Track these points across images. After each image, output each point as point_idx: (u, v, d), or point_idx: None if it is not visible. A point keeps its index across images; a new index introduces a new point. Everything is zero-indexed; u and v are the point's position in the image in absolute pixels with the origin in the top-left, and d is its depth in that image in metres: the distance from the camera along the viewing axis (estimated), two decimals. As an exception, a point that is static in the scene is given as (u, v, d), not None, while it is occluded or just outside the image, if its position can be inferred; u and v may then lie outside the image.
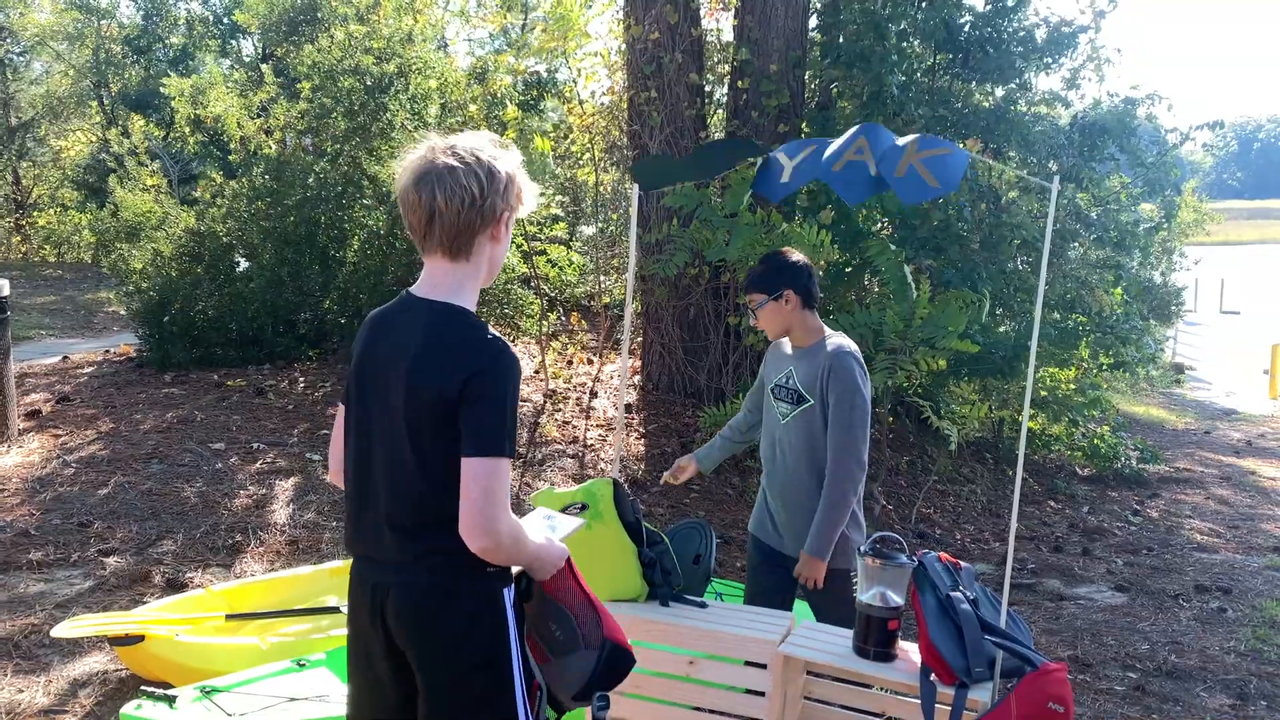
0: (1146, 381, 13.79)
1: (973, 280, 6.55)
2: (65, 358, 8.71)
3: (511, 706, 1.94)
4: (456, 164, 1.89)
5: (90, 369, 8.19)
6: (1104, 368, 8.43)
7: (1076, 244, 7.73)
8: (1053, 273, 7.47)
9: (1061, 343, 7.48)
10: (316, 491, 5.64)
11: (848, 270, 7.47)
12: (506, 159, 1.97)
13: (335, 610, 3.85)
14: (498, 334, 1.92)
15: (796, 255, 3.19)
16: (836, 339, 3.12)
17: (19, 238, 18.91)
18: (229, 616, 3.75)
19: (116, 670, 3.66)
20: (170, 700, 2.96)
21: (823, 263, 7.09)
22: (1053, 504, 7.66)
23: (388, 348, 1.96)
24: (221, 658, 3.43)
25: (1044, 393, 7.90)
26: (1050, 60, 7.50)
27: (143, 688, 3.01)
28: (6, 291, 5.98)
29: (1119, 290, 8.08)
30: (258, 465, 5.94)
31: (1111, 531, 7.02)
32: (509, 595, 1.97)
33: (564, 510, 2.77)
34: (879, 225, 7.47)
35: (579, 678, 2.04)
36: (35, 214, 18.76)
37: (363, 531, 1.97)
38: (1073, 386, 8.04)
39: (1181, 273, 17.74)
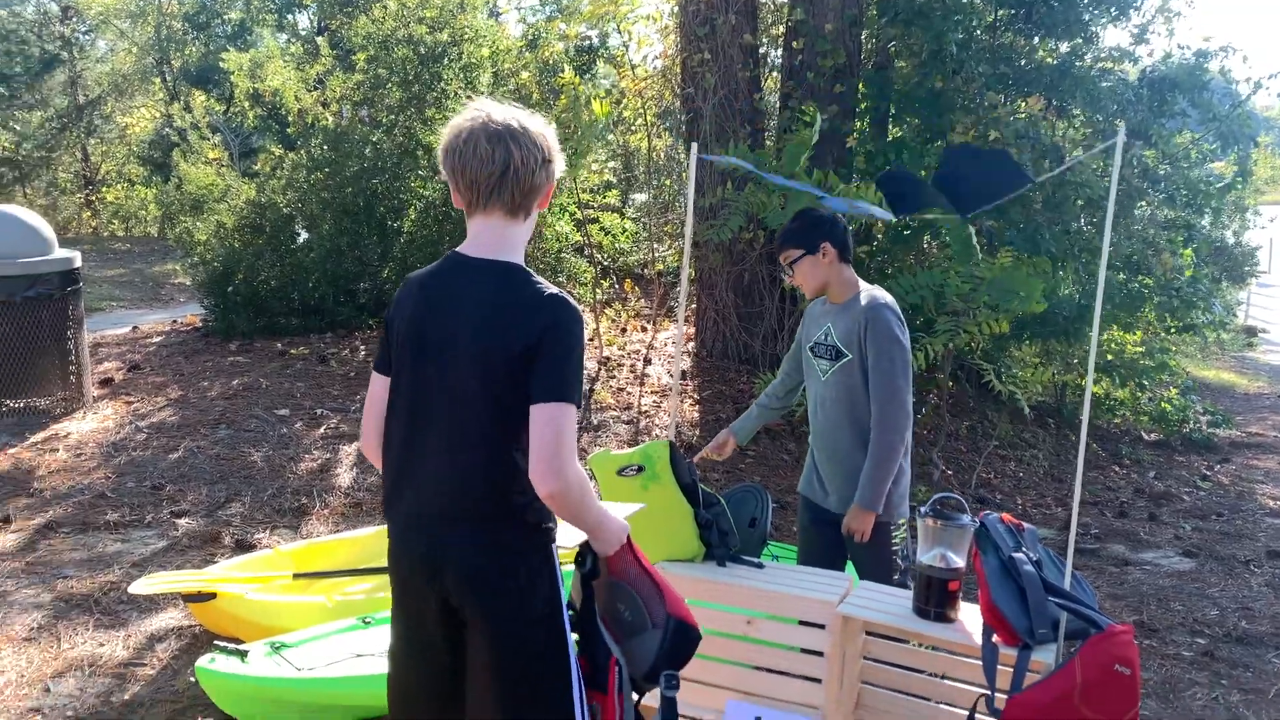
0: (1217, 345, 13.38)
1: (1035, 241, 6.40)
2: (135, 328, 8.96)
3: (566, 660, 1.97)
4: (527, 126, 1.96)
5: (159, 338, 8.41)
6: (1171, 330, 8.20)
7: (1144, 203, 7.51)
8: (1118, 233, 7.27)
9: (1126, 305, 7.29)
10: (378, 456, 5.75)
11: (906, 232, 7.35)
12: (549, 128, 2.02)
13: (398, 571, 3.94)
14: (557, 288, 1.94)
15: (829, 210, 3.17)
16: (872, 292, 3.09)
17: (89, 213, 19.42)
18: (296, 575, 3.86)
19: (190, 626, 3.79)
20: (242, 655, 3.06)
21: (882, 225, 7.00)
22: (1117, 469, 7.51)
23: (448, 309, 1.96)
24: (290, 615, 3.53)
25: (1109, 356, 7.72)
26: (1118, 13, 7.25)
27: (216, 642, 3.11)
28: (79, 263, 6.16)
29: (1189, 251, 7.83)
30: (321, 431, 6.07)
31: (1179, 497, 6.85)
32: (554, 549, 2.01)
33: (619, 472, 2.80)
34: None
35: (647, 658, 2.05)
36: (104, 190, 19.23)
37: (415, 493, 1.97)
38: (1139, 350, 7.85)
39: (1256, 232, 17.10)
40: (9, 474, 5.17)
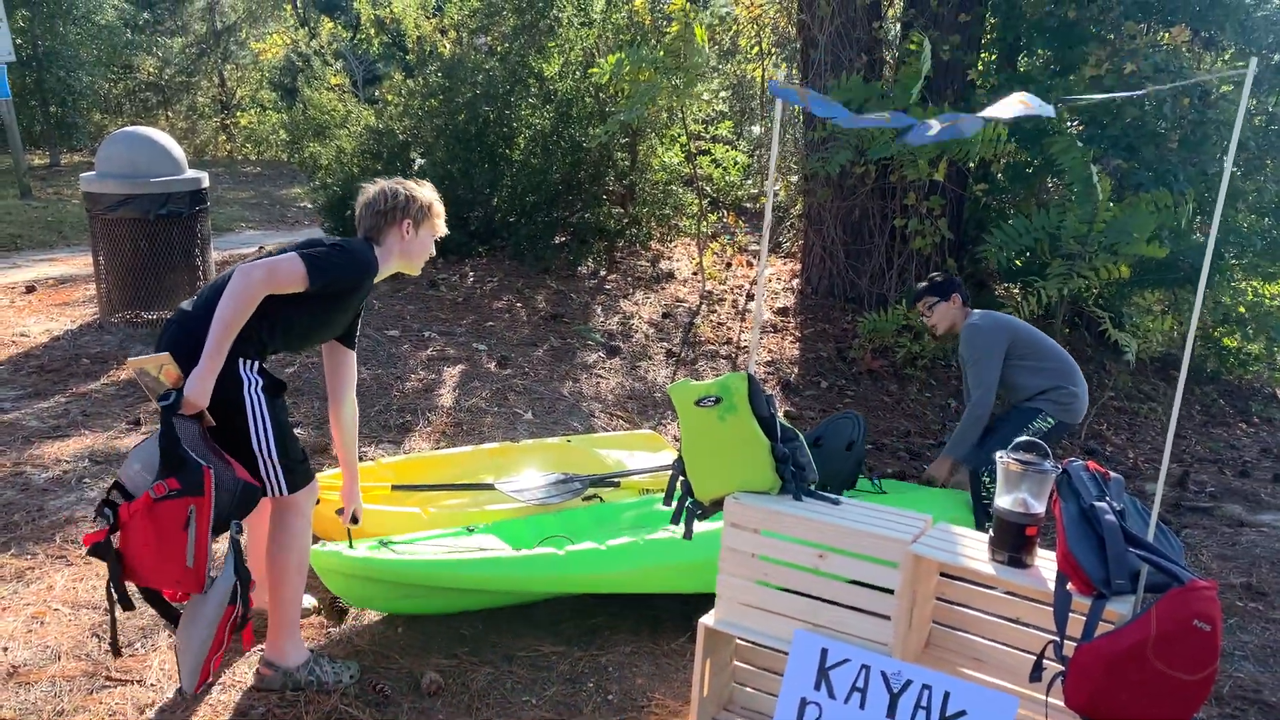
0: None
1: (1167, 183, 6.04)
2: (261, 248, 9.37)
3: None
4: (384, 189, 3.12)
5: (283, 259, 8.76)
6: (1319, 283, 7.66)
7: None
8: (1265, 177, 6.79)
9: (1269, 254, 6.84)
10: (481, 379, 5.91)
11: (1028, 170, 7.04)
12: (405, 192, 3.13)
13: (490, 487, 4.08)
14: (373, 257, 3.03)
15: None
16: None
17: (224, 137, 20.26)
18: (395, 487, 4.04)
19: (297, 529, 4.02)
20: (349, 544, 3.26)
21: (1002, 161, 6.70)
22: (1244, 426, 7.13)
23: None
24: (387, 522, 3.71)
25: (1243, 308, 7.27)
26: (1279, -68, 6.67)
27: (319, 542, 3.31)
28: (206, 184, 6.46)
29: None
30: (428, 352, 6.28)
31: (1309, 460, 6.48)
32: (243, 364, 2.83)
33: (697, 403, 2.81)
34: (1067, 123, 6.96)
35: (222, 511, 2.63)
36: (238, 114, 20.01)
37: None
38: (1278, 303, 7.37)
39: None
40: (142, 380, 5.54)
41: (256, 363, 2.87)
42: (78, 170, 14.14)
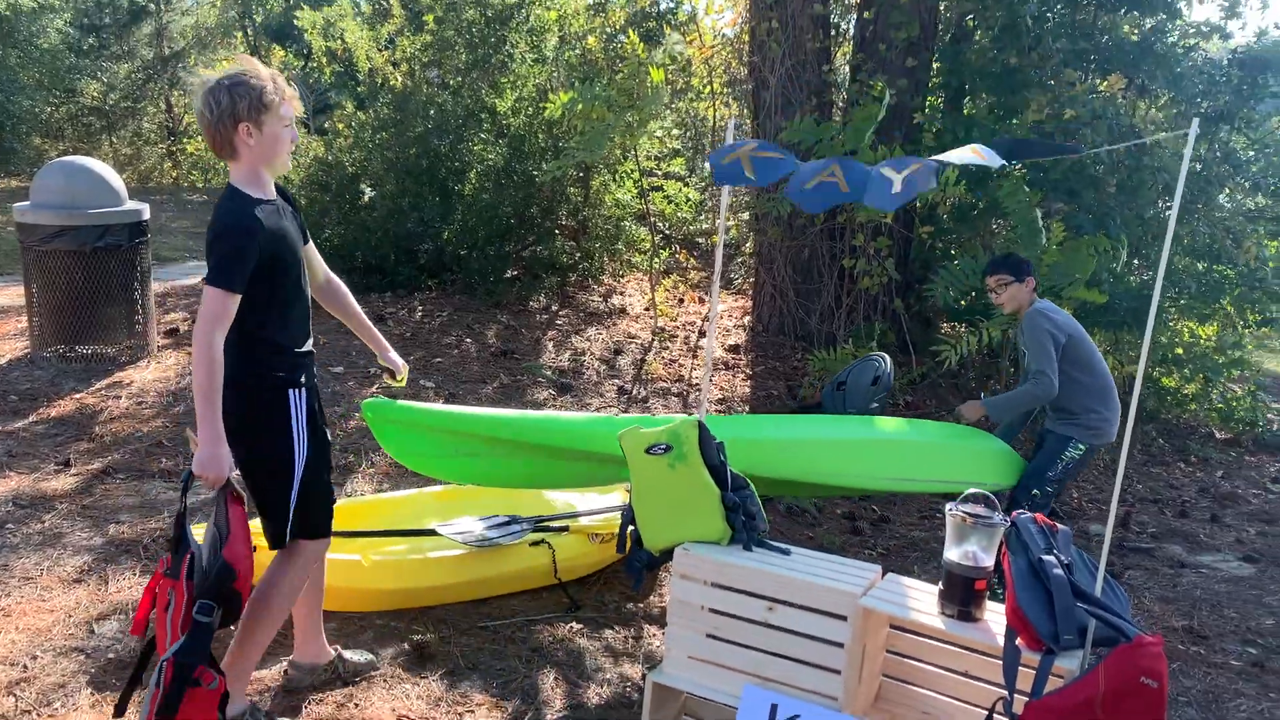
0: (1302, 340, 12.80)
1: (1106, 226, 6.18)
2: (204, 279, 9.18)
3: None
4: (206, 85, 2.61)
5: (226, 291, 8.57)
6: (1251, 324, 7.87)
7: (1227, 190, 7.19)
8: (1198, 220, 6.98)
9: (1203, 296, 7.01)
10: (427, 417, 5.81)
11: (973, 213, 7.15)
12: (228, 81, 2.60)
13: (434, 533, 3.98)
14: (240, 199, 2.61)
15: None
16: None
17: (170, 164, 19.90)
18: (333, 534, 3.91)
19: (233, 576, 3.88)
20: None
21: (949, 203, 6.81)
22: (1183, 466, 7.26)
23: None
24: (326, 571, 3.59)
25: (1179, 349, 7.44)
26: (1210, -13, 6.93)
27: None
28: (146, 216, 6.31)
29: (1276, 243, 7.48)
30: (373, 389, 6.17)
31: (1246, 499, 6.60)
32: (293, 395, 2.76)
33: (647, 450, 2.77)
34: (1010, 166, 7.10)
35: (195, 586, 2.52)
36: (185, 141, 19.67)
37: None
38: (1212, 344, 7.55)
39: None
40: (73, 418, 5.35)
41: (305, 392, 2.77)
42: (15, 196, 13.78)
